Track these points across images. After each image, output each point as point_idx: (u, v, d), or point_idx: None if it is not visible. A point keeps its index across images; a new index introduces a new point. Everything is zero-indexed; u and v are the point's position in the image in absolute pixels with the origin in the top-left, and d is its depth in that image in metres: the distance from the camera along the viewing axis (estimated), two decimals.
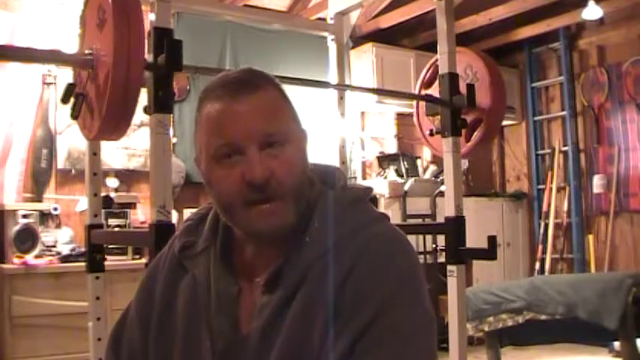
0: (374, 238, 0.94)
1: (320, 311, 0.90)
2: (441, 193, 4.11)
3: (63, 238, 3.78)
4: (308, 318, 0.90)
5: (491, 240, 2.23)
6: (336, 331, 0.88)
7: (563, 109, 5.56)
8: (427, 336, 0.91)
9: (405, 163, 5.21)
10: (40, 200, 3.88)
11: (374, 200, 1.06)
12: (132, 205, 3.91)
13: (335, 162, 2.56)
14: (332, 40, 2.64)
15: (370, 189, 1.06)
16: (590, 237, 5.35)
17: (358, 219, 0.97)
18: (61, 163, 3.99)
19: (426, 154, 5.48)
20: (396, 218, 4.69)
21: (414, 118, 2.79)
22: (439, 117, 2.42)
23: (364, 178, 5.23)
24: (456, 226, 2.29)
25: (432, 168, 5.35)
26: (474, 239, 2.34)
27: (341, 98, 2.59)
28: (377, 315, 0.88)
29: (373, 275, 0.90)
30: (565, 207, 5.45)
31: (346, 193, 1.01)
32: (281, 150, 0.92)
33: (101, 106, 1.64)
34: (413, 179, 4.94)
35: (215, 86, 0.96)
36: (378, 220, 1.00)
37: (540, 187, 5.70)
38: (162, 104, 1.76)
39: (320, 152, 4.42)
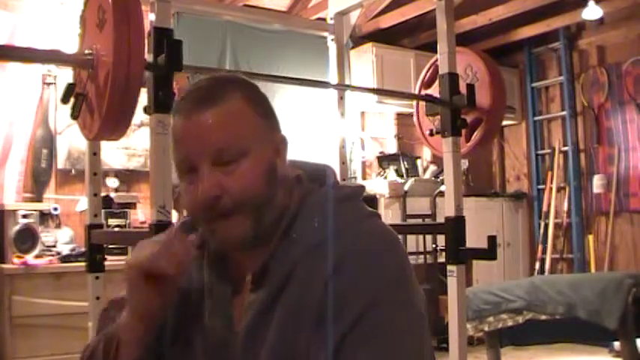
0: (361, 236, 0.94)
1: (307, 310, 0.89)
2: (441, 193, 4.11)
3: (63, 238, 3.78)
4: (295, 316, 0.90)
5: (491, 240, 2.23)
6: (324, 330, 0.88)
7: (563, 109, 5.56)
8: (416, 335, 0.90)
9: (405, 163, 5.21)
10: (40, 200, 3.88)
11: (372, 200, 1.06)
12: (132, 205, 3.92)
13: (335, 162, 2.56)
14: (332, 40, 2.64)
15: (362, 187, 1.05)
16: (590, 237, 5.35)
17: (346, 216, 0.96)
18: (61, 163, 3.99)
19: (426, 154, 5.48)
20: (396, 218, 4.69)
21: (414, 118, 2.79)
22: (439, 117, 2.42)
23: (364, 178, 5.23)
24: (456, 226, 2.29)
25: (432, 168, 5.35)
26: (474, 239, 2.34)
27: (341, 98, 2.59)
28: (363, 314, 0.87)
29: (360, 274, 0.90)
30: (565, 207, 5.46)
31: (337, 191, 1.00)
32: (236, 165, 0.91)
33: (101, 106, 1.64)
34: (413, 179, 4.95)
35: (180, 98, 0.96)
36: (366, 217, 0.99)
37: (540, 187, 5.70)
38: (162, 104, 1.76)
39: (320, 152, 4.44)
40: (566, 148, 5.51)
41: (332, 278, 0.89)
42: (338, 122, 2.59)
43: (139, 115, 1.89)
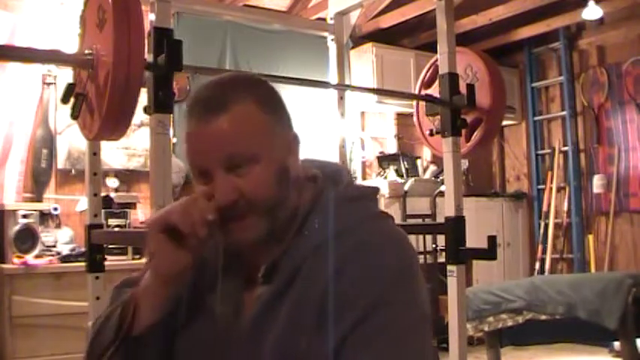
0: (368, 236, 0.95)
1: (311, 307, 0.90)
2: (441, 193, 4.11)
3: (63, 238, 3.78)
4: (300, 313, 0.91)
5: (491, 240, 2.23)
6: (326, 329, 0.88)
7: (563, 109, 5.56)
8: (418, 336, 0.91)
9: (405, 163, 5.21)
10: (40, 200, 3.88)
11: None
12: (132, 205, 3.91)
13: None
14: (332, 40, 2.64)
15: (376, 189, 1.07)
16: (590, 237, 5.35)
17: (356, 216, 0.98)
18: (61, 163, 3.99)
19: (426, 154, 5.48)
20: (396, 218, 4.65)
21: (414, 118, 2.79)
22: (439, 117, 2.42)
23: (364, 178, 5.23)
24: (456, 226, 2.29)
25: (432, 168, 5.35)
26: (474, 239, 2.34)
27: (341, 98, 2.59)
28: (365, 315, 0.88)
29: (363, 275, 0.90)
30: (565, 207, 5.46)
31: (349, 191, 1.02)
32: (249, 169, 0.92)
33: (101, 106, 1.64)
34: (413, 179, 4.94)
35: (191, 102, 0.96)
36: (376, 217, 1.00)
37: (540, 187, 5.70)
38: (162, 104, 1.76)
39: (320, 152, 4.44)
40: (566, 148, 5.51)
41: (335, 277, 0.90)
42: (338, 122, 2.59)
43: (139, 115, 1.89)
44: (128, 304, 0.96)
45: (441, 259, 4.50)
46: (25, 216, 3.55)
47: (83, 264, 2.30)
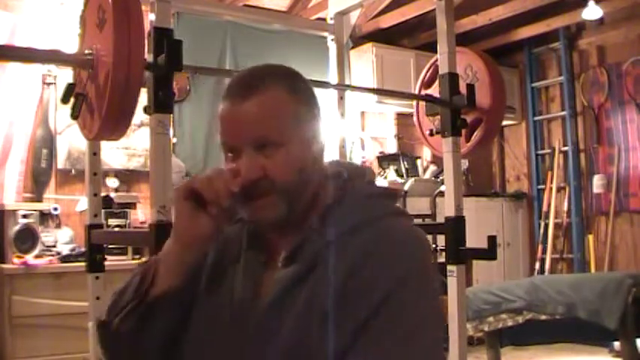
0: (383, 233, 0.97)
1: (325, 300, 0.91)
2: (441, 193, 4.11)
3: (63, 238, 3.78)
4: (315, 303, 0.92)
5: (491, 240, 2.23)
6: (337, 324, 0.90)
7: (563, 109, 5.56)
8: (428, 334, 0.91)
9: (405, 163, 5.21)
10: (40, 200, 3.88)
11: None
12: (132, 205, 3.91)
13: None
14: (332, 40, 2.64)
15: (396, 190, 1.12)
16: (590, 237, 5.35)
17: (375, 211, 1.00)
18: (61, 163, 3.99)
19: (426, 154, 5.48)
20: None
21: (414, 118, 2.79)
22: (439, 117, 2.42)
23: None
24: (456, 226, 2.29)
25: (432, 168, 5.35)
26: (474, 239, 2.34)
27: (341, 98, 2.59)
28: (376, 312, 0.89)
29: (376, 271, 0.92)
30: (565, 207, 5.46)
31: (371, 188, 1.06)
32: (275, 150, 0.96)
33: (101, 106, 1.64)
34: (413, 179, 4.94)
35: (229, 84, 1.01)
36: (393, 214, 1.03)
37: (540, 187, 5.70)
38: (162, 104, 1.76)
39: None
40: (566, 148, 5.51)
41: (349, 271, 0.92)
42: (338, 122, 2.59)
43: (139, 115, 1.89)
44: (148, 268, 0.99)
45: (441, 259, 4.50)
46: (25, 216, 3.55)
47: (83, 264, 2.30)
